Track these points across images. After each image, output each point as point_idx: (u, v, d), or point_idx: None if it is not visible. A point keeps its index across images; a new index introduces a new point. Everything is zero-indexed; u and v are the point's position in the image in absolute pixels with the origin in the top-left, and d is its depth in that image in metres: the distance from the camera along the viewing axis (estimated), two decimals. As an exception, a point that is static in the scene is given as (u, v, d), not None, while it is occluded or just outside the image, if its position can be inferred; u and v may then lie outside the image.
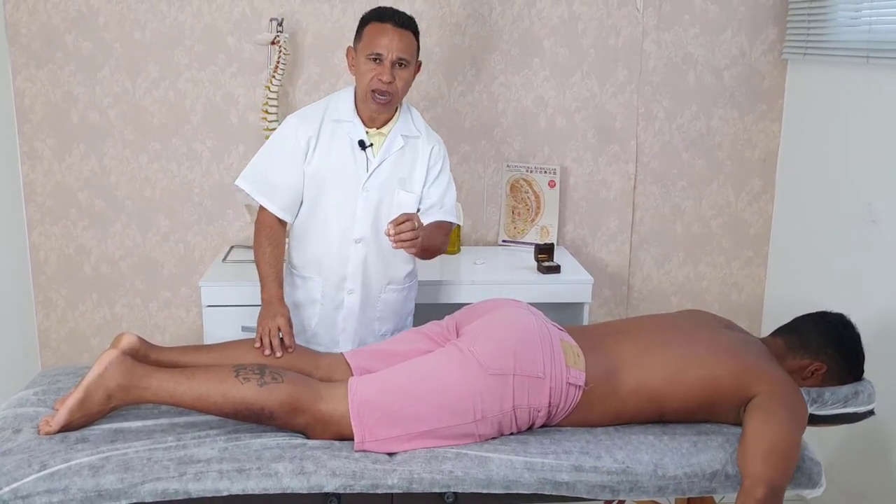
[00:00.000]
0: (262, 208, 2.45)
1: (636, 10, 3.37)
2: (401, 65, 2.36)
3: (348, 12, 3.24)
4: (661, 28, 3.39)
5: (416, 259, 2.60)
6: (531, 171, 3.42)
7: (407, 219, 2.20)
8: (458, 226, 3.28)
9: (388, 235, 2.18)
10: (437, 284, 2.99)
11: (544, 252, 3.17)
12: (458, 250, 3.36)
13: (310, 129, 2.43)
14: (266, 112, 3.13)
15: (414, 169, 2.50)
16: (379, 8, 2.42)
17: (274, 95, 3.14)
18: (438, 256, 3.29)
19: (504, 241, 3.49)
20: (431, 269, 3.12)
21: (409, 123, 2.51)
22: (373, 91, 2.36)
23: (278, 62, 3.14)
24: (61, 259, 3.40)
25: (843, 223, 3.05)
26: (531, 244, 3.30)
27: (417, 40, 2.41)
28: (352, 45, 2.45)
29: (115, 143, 3.31)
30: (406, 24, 2.37)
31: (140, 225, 3.39)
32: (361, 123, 2.45)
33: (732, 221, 3.59)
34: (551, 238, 3.41)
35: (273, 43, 3.14)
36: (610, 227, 3.55)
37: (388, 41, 2.33)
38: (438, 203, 2.53)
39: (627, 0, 3.35)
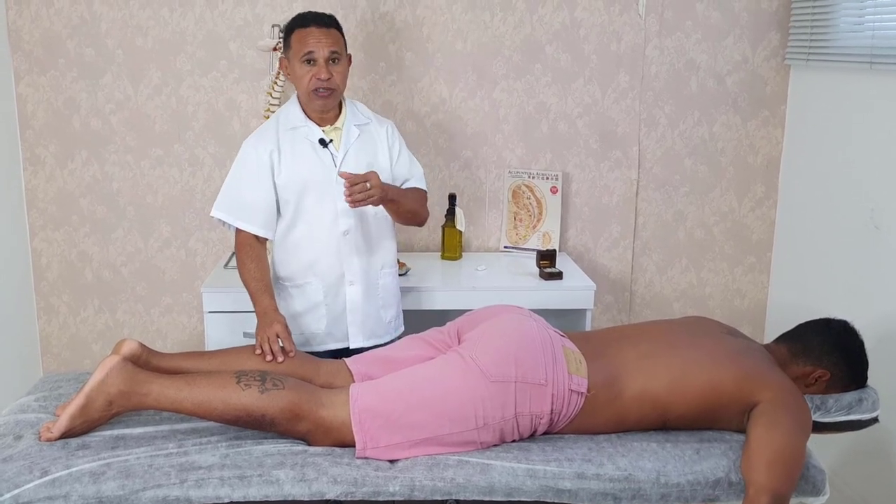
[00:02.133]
0: (238, 230, 2.50)
1: (638, 15, 3.37)
2: (334, 60, 2.45)
3: (349, 18, 3.24)
4: (663, 34, 3.39)
5: (415, 258, 2.64)
6: (533, 177, 3.42)
7: (358, 180, 2.32)
8: (460, 231, 3.30)
9: (345, 191, 2.32)
10: (439, 290, 2.99)
11: (546, 258, 3.16)
12: (460, 256, 3.36)
13: (269, 144, 2.49)
14: (268, 118, 3.12)
15: (377, 152, 2.58)
16: (299, 14, 2.51)
17: (276, 101, 3.14)
18: (438, 260, 3.31)
19: (506, 247, 3.48)
20: (433, 275, 3.12)
21: (356, 114, 2.60)
22: (314, 90, 2.44)
23: (280, 68, 3.13)
24: (63, 265, 3.40)
25: (847, 229, 3.04)
26: (533, 250, 3.30)
27: (343, 35, 2.51)
28: (283, 55, 2.54)
29: (116, 150, 3.31)
30: (329, 22, 2.48)
31: (142, 231, 3.39)
32: (315, 124, 2.52)
33: (735, 227, 3.58)
34: (553, 244, 3.40)
35: (275, 49, 3.14)
36: (612, 233, 3.54)
37: (316, 41, 2.42)
38: (408, 175, 2.64)
39: (629, 6, 3.35)
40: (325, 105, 2.48)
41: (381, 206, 2.48)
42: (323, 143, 2.48)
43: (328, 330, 2.59)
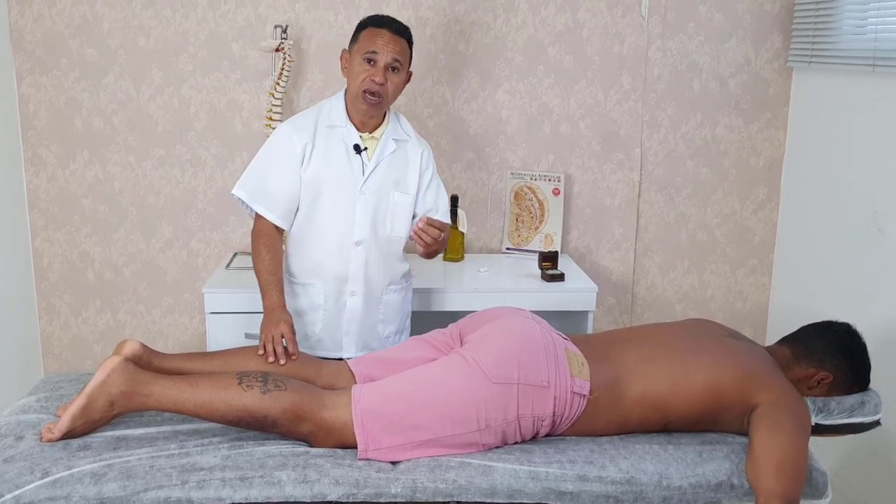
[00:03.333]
0: (258, 217, 2.49)
1: (641, 17, 3.37)
2: (394, 69, 2.42)
3: (352, 19, 3.23)
4: (665, 36, 3.39)
5: (415, 259, 2.68)
6: (535, 179, 3.42)
7: (440, 227, 2.40)
8: (462, 233, 3.29)
9: (417, 227, 2.36)
10: (441, 292, 2.99)
11: (548, 260, 3.16)
12: (462, 258, 3.36)
13: (305, 136, 2.47)
14: (270, 119, 3.13)
15: (407, 171, 2.56)
16: (377, 14, 2.50)
17: (278, 102, 3.14)
18: (441, 261, 3.31)
19: (508, 248, 3.48)
20: (435, 276, 3.12)
21: (398, 128, 2.58)
22: (364, 91, 2.41)
23: (282, 69, 3.14)
24: (64, 265, 3.40)
25: (849, 232, 3.04)
26: (535, 252, 3.29)
27: (411, 49, 2.49)
28: (346, 48, 2.52)
29: (118, 150, 3.31)
30: (402, 31, 2.46)
31: (143, 231, 3.39)
32: (354, 128, 2.50)
33: (737, 229, 3.58)
34: (555, 246, 3.40)
35: (277, 50, 3.14)
36: (614, 235, 3.54)
37: (384, 43, 2.40)
38: (434, 207, 2.62)
39: (632, 8, 3.35)
40: (369, 111, 2.45)
41: (399, 222, 2.53)
42: (357, 149, 2.45)
43: (321, 336, 2.58)
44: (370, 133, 2.51)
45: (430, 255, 2.52)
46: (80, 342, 3.47)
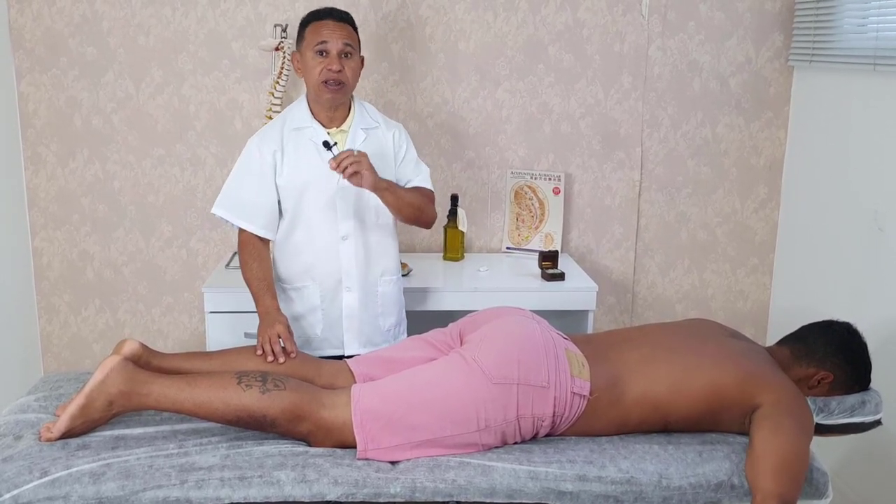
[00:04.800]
0: (241, 229, 2.49)
1: (641, 16, 3.36)
2: (347, 55, 2.44)
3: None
4: (666, 35, 3.38)
5: (415, 258, 2.62)
6: (535, 178, 3.41)
7: (346, 154, 2.31)
8: (462, 232, 3.29)
9: (334, 170, 2.30)
10: (441, 291, 2.98)
11: (548, 259, 3.16)
12: (462, 257, 3.35)
13: (272, 143, 2.48)
14: (270, 118, 3.12)
15: (383, 157, 2.55)
16: (315, 10, 2.50)
17: (277, 101, 3.13)
18: (440, 260, 3.30)
19: (508, 248, 3.47)
20: (435, 275, 3.11)
21: (365, 116, 2.57)
22: (324, 82, 2.42)
23: (282, 68, 3.13)
24: (64, 264, 3.39)
25: (850, 231, 3.03)
26: (535, 251, 3.29)
27: (357, 33, 2.50)
28: (295, 50, 2.53)
29: (118, 149, 3.31)
30: (344, 17, 2.48)
31: (143, 230, 3.38)
32: (321, 126, 2.50)
33: (738, 229, 3.57)
34: (555, 245, 3.39)
35: (277, 49, 3.13)
36: (614, 235, 3.54)
37: (330, 32, 2.42)
38: (413, 175, 2.61)
39: (632, 6, 3.34)
40: (333, 99, 2.46)
41: (383, 209, 2.46)
42: (327, 145, 2.44)
43: (324, 335, 2.58)
44: (338, 127, 2.52)
45: (404, 210, 2.47)
46: (79, 341, 3.46)
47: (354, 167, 2.30)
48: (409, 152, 2.61)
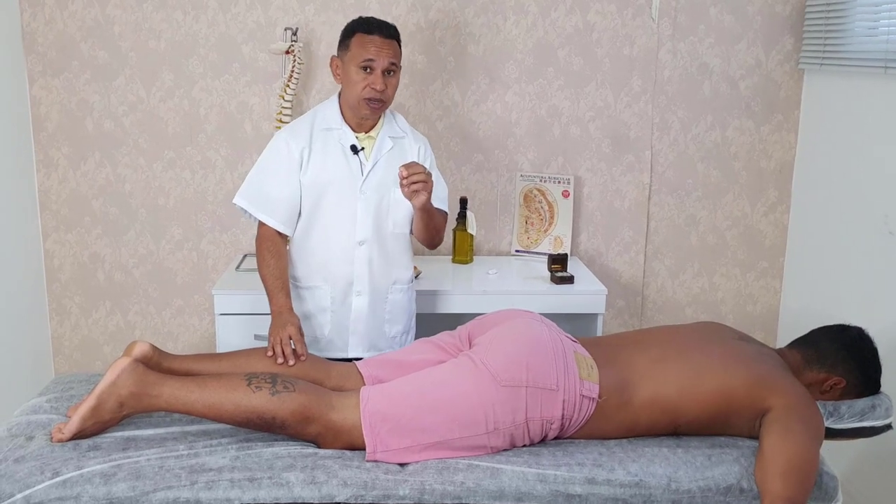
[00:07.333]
0: (261, 223, 2.50)
1: (651, 19, 3.36)
2: (390, 72, 2.44)
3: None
4: (676, 38, 3.38)
5: (424, 261, 2.62)
6: (545, 181, 3.41)
7: (417, 164, 2.33)
8: (471, 235, 3.29)
9: (402, 178, 2.29)
10: (450, 294, 2.99)
11: (558, 262, 3.16)
12: (471, 260, 3.36)
13: (301, 140, 2.48)
14: (280, 121, 3.13)
15: None
16: (363, 19, 2.48)
17: (288, 104, 3.14)
18: (450, 263, 3.31)
19: (517, 251, 3.47)
20: (444, 278, 3.12)
21: (393, 125, 2.58)
22: (367, 99, 2.42)
23: (292, 71, 3.14)
24: (75, 266, 3.41)
25: (860, 234, 3.02)
26: (544, 254, 3.29)
27: (401, 47, 2.50)
28: (336, 55, 2.52)
29: (129, 152, 3.33)
30: (392, 34, 2.46)
31: (154, 233, 3.40)
32: (350, 129, 2.51)
33: (748, 232, 3.57)
34: (565, 248, 3.39)
35: (287, 52, 3.15)
36: (624, 238, 3.53)
37: (378, 49, 2.40)
38: (432, 195, 2.59)
39: (642, 9, 3.34)
40: (372, 114, 2.48)
41: (401, 219, 2.50)
42: (354, 149, 2.45)
43: (331, 337, 2.59)
44: (366, 133, 2.53)
45: (426, 232, 2.51)
46: (90, 343, 3.48)
47: (421, 186, 2.31)
48: (431, 170, 2.59)
